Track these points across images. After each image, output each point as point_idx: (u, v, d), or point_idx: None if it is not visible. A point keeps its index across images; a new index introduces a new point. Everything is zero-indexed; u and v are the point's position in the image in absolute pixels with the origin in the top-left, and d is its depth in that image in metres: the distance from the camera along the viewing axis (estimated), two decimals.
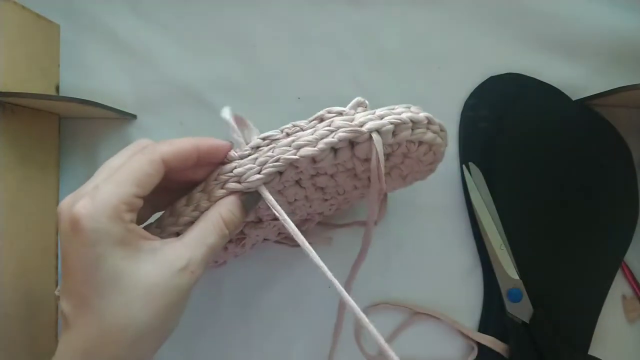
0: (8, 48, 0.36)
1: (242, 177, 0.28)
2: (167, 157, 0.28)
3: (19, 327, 0.37)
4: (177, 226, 0.29)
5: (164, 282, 0.26)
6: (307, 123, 0.29)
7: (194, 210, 0.29)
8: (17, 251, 0.37)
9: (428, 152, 0.32)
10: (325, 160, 0.28)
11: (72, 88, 0.42)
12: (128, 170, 0.27)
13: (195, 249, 0.27)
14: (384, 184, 0.29)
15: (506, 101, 0.42)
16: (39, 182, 0.40)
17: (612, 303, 0.41)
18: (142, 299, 0.26)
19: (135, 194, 0.26)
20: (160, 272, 0.26)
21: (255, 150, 0.29)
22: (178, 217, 0.29)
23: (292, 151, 0.28)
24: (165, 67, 0.43)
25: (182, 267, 0.26)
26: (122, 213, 0.26)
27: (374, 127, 0.28)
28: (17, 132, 0.37)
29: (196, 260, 0.27)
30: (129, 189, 0.26)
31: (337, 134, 0.28)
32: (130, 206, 0.26)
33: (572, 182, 0.41)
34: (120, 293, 0.25)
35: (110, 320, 0.25)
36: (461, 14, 0.43)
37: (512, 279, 0.39)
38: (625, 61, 0.42)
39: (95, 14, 0.43)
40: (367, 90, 0.43)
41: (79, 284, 0.26)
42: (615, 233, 0.41)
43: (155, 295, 0.26)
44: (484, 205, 0.40)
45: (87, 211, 0.25)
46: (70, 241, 0.26)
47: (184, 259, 0.27)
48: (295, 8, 0.43)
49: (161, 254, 0.27)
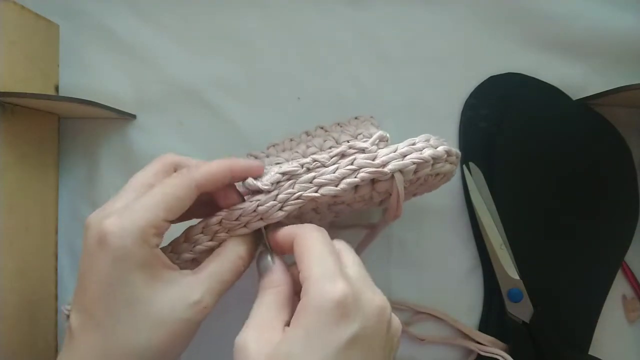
0: (8, 48, 0.36)
1: (265, 214, 0.28)
2: (202, 182, 0.28)
3: (18, 327, 0.37)
4: (193, 253, 0.29)
5: (176, 314, 0.26)
6: (329, 159, 0.29)
7: (211, 240, 0.29)
8: (16, 251, 0.37)
9: (442, 179, 0.32)
10: (345, 195, 0.29)
11: (72, 88, 0.42)
12: (160, 193, 0.27)
13: (210, 285, 0.27)
14: (401, 211, 0.30)
15: (506, 101, 0.42)
16: (38, 182, 0.40)
17: (613, 303, 0.41)
18: (151, 327, 0.26)
19: (165, 219, 0.26)
20: (174, 304, 0.26)
21: (276, 186, 0.28)
22: (194, 244, 0.29)
23: (313, 188, 0.28)
24: (165, 67, 0.43)
25: (195, 302, 0.27)
26: (149, 237, 0.26)
27: (397, 168, 0.28)
28: (16, 132, 0.37)
29: (210, 296, 0.27)
30: (159, 213, 0.26)
31: (359, 173, 0.28)
32: (158, 230, 0.26)
33: (572, 182, 0.41)
34: (131, 317, 0.25)
35: (115, 343, 0.25)
36: (461, 14, 0.43)
37: (513, 279, 0.39)
38: (625, 61, 0.42)
39: (95, 14, 0.43)
40: (367, 90, 0.43)
41: (93, 300, 0.26)
42: (615, 233, 0.40)
43: (164, 326, 0.26)
44: (484, 205, 0.40)
45: (116, 229, 0.25)
46: (94, 255, 0.26)
47: (198, 294, 0.27)
48: (295, 8, 0.43)
49: (177, 285, 0.27)
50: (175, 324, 0.26)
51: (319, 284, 0.24)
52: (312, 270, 0.25)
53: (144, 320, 0.26)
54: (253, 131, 0.42)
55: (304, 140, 0.36)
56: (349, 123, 0.36)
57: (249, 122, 0.42)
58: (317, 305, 0.24)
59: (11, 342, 0.36)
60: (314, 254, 0.26)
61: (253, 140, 0.42)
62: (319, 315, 0.23)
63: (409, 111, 0.42)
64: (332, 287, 0.24)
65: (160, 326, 0.26)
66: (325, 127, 0.36)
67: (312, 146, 0.34)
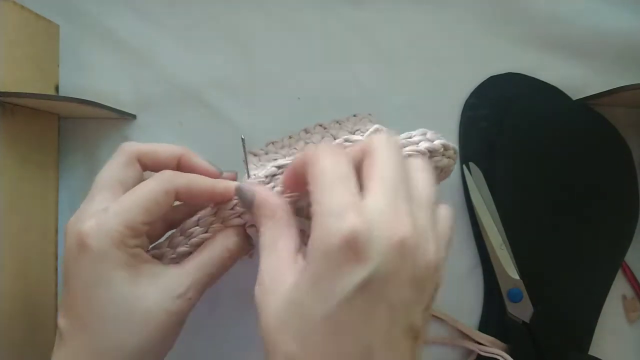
0: (8, 48, 0.36)
1: None
2: (182, 191, 0.28)
3: (18, 326, 0.37)
4: (189, 247, 0.29)
5: (162, 307, 0.26)
6: None
7: (206, 232, 0.29)
8: (16, 251, 0.37)
9: (440, 174, 0.32)
10: None
11: (72, 88, 0.42)
12: (139, 196, 0.27)
13: (195, 277, 0.28)
14: None
15: (506, 101, 0.42)
16: (38, 182, 0.40)
17: (613, 303, 0.41)
18: (138, 322, 0.26)
19: (142, 222, 0.27)
20: (159, 297, 0.26)
21: (271, 179, 0.29)
22: (189, 237, 0.29)
23: None
24: (165, 67, 0.43)
25: (180, 294, 0.27)
26: (127, 239, 0.26)
27: None
28: (16, 132, 0.37)
29: (195, 287, 0.27)
30: (137, 216, 0.26)
31: None
32: (135, 232, 0.26)
33: (572, 182, 0.41)
34: (117, 316, 0.26)
35: (104, 343, 0.26)
36: (461, 14, 0.43)
37: (512, 279, 0.39)
38: (625, 61, 0.42)
39: (95, 13, 0.43)
40: (367, 90, 0.43)
41: (78, 302, 0.26)
42: (615, 233, 0.40)
43: (151, 320, 0.26)
44: (484, 205, 0.40)
45: (94, 232, 0.25)
46: (74, 259, 0.26)
47: (183, 286, 0.27)
48: (295, 8, 0.43)
49: (162, 279, 0.27)
50: (161, 317, 0.26)
51: (324, 221, 0.21)
52: (319, 204, 0.22)
53: (130, 317, 0.26)
54: (253, 131, 0.42)
55: (302, 137, 0.36)
56: (347, 120, 0.37)
57: (249, 122, 0.42)
58: (321, 246, 0.21)
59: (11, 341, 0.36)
60: (323, 182, 0.22)
61: (253, 140, 0.42)
62: (324, 258, 0.21)
63: (409, 111, 0.42)
64: (337, 223, 0.21)
65: (147, 321, 0.26)
66: (323, 125, 0.36)
67: (310, 143, 0.34)
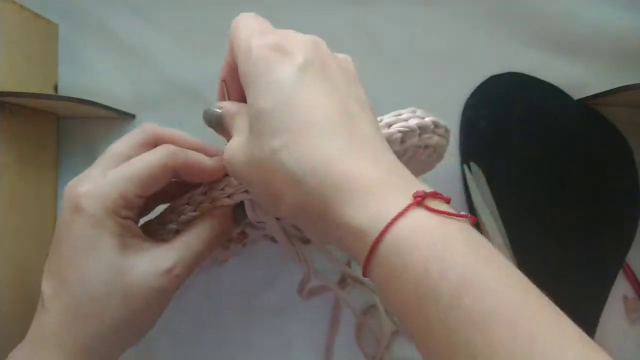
0: (7, 48, 0.36)
1: None
2: (181, 169, 0.28)
3: (17, 325, 0.36)
4: (177, 225, 0.29)
5: (147, 282, 0.26)
6: None
7: (195, 211, 0.29)
8: (15, 250, 0.37)
9: (433, 154, 0.32)
10: None
11: (71, 87, 0.42)
12: (137, 167, 0.27)
13: (182, 254, 0.27)
14: None
15: (506, 101, 0.42)
16: (37, 182, 0.40)
17: (614, 303, 0.40)
18: (122, 294, 0.26)
19: (137, 194, 0.27)
20: (145, 271, 0.26)
21: None
22: (178, 215, 0.29)
23: None
24: (164, 66, 0.43)
25: (167, 269, 0.27)
26: (119, 208, 0.26)
27: None
28: (15, 131, 0.37)
29: (182, 264, 0.27)
30: (132, 187, 0.26)
31: None
32: (128, 203, 0.26)
33: (573, 182, 0.41)
34: (102, 283, 0.26)
35: (85, 309, 0.25)
36: (461, 13, 0.43)
37: None
38: (626, 61, 0.42)
39: (94, 13, 0.43)
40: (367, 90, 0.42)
41: (64, 264, 0.26)
42: (616, 233, 0.40)
43: (136, 293, 0.26)
44: (484, 205, 0.40)
45: (88, 196, 0.26)
46: (69, 222, 0.26)
47: (170, 262, 0.27)
48: (295, 8, 0.43)
49: (149, 254, 0.27)
50: (146, 291, 0.26)
51: (248, 41, 0.24)
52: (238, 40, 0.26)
53: (114, 288, 0.26)
54: None
55: None
56: None
57: None
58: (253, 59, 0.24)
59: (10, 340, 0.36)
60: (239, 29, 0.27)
61: None
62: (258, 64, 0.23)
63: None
64: (261, 39, 0.24)
65: (131, 293, 0.26)
66: None
67: None
